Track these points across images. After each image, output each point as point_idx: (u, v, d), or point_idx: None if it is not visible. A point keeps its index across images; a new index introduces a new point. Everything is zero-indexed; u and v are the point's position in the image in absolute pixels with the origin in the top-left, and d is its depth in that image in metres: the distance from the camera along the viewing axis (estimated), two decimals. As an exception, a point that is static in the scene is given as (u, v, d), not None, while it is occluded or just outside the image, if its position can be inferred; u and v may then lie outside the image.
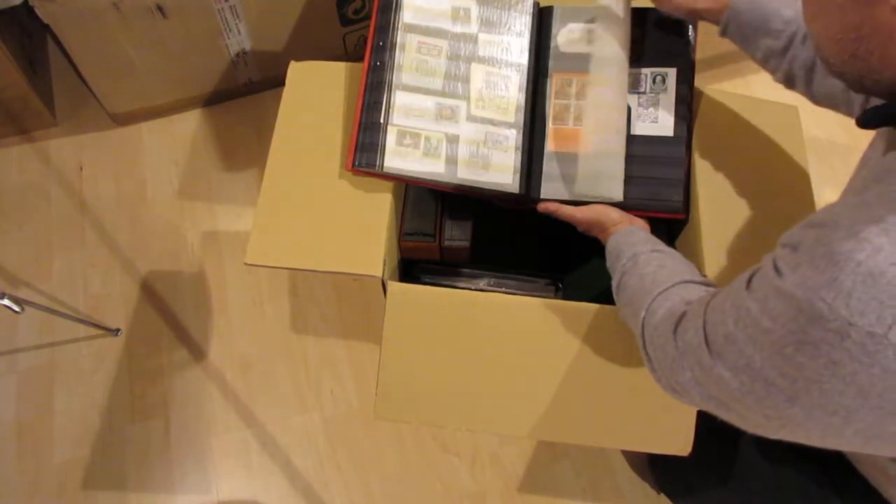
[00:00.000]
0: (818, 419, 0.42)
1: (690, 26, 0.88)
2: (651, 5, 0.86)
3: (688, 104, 0.87)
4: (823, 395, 0.41)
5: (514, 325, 0.81)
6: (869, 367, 0.39)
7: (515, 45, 0.91)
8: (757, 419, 0.47)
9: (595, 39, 0.87)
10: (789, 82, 0.75)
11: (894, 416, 0.40)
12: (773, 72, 0.76)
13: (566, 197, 0.85)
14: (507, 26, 0.91)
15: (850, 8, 0.44)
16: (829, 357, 0.40)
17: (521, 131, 0.88)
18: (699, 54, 0.89)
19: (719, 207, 0.85)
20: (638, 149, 0.86)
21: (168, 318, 1.30)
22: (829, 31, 0.47)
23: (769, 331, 0.43)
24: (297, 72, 0.95)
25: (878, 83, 0.47)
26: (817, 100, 0.74)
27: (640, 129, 0.87)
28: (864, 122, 0.49)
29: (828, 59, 0.49)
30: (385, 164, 0.83)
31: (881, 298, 0.38)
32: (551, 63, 0.90)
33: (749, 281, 0.47)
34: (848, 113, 0.72)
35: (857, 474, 0.70)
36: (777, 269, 0.44)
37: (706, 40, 0.88)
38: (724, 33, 0.77)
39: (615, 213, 0.80)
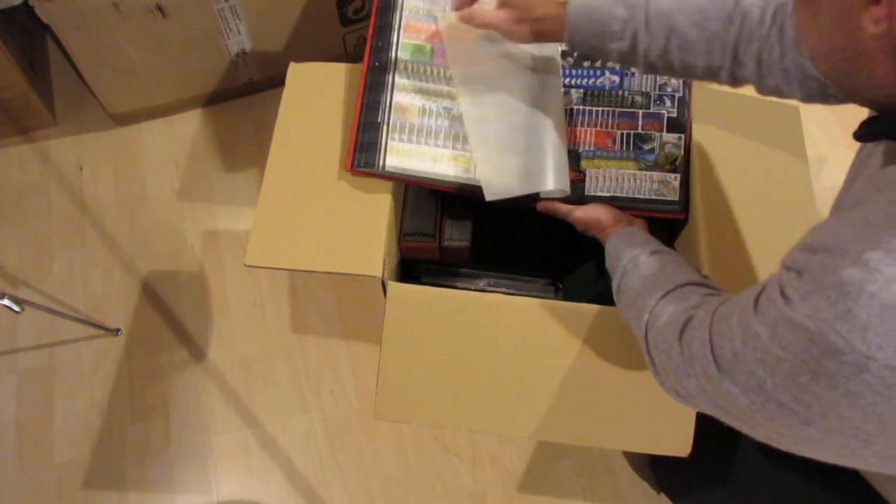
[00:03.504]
0: (835, 440, 0.42)
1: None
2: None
3: (686, 104, 0.87)
4: (842, 422, 0.41)
5: (514, 325, 0.81)
6: (889, 399, 0.38)
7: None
8: (768, 433, 0.47)
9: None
10: (651, 71, 0.74)
11: None
12: (633, 67, 0.75)
13: (567, 193, 0.85)
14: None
15: (834, 30, 0.44)
16: (846, 388, 0.39)
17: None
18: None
19: (719, 207, 0.85)
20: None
21: (168, 318, 1.30)
22: (819, 48, 0.47)
23: (781, 359, 0.42)
24: (297, 72, 0.95)
25: (868, 100, 0.47)
26: (681, 77, 0.75)
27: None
28: (862, 135, 0.48)
29: (822, 74, 0.49)
30: (384, 165, 0.83)
31: None
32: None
33: (756, 301, 0.46)
34: (714, 81, 0.72)
35: (858, 476, 0.70)
36: (784, 296, 0.43)
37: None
38: (572, 49, 0.76)
39: (614, 213, 0.80)
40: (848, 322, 0.38)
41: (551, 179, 0.83)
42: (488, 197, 0.82)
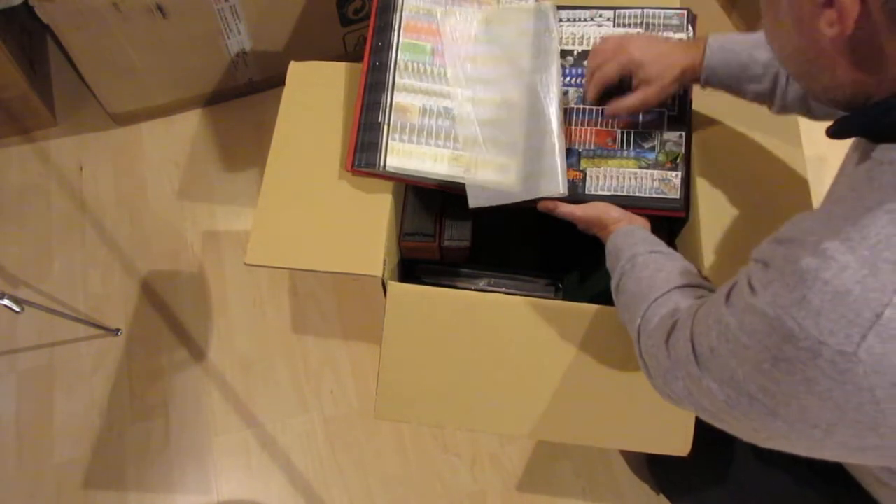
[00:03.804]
0: (801, 432, 0.43)
1: (689, 24, 0.88)
2: (650, 4, 0.87)
3: (688, 102, 0.87)
4: (802, 411, 0.41)
5: (514, 325, 0.81)
6: (842, 385, 0.39)
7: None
8: (746, 430, 0.48)
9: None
10: (785, 112, 0.75)
11: (873, 430, 0.40)
12: (768, 107, 0.76)
13: (565, 194, 0.85)
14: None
15: (795, 33, 0.45)
16: (803, 374, 0.40)
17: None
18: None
19: (719, 207, 0.85)
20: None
21: (168, 318, 1.30)
22: (784, 51, 0.49)
23: (747, 346, 0.43)
24: (297, 72, 0.95)
25: (834, 100, 0.48)
26: (818, 118, 0.74)
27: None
28: (834, 132, 0.49)
29: (791, 76, 0.50)
30: (385, 165, 0.83)
31: (849, 317, 0.38)
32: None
33: (728, 295, 0.48)
34: None
35: (852, 478, 0.71)
36: (751, 286, 0.44)
37: (706, 40, 0.88)
38: (705, 87, 0.77)
39: (615, 212, 0.80)
40: (803, 308, 0.40)
41: (546, 184, 0.84)
42: (472, 204, 0.83)
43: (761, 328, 0.42)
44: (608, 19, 0.90)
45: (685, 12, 0.88)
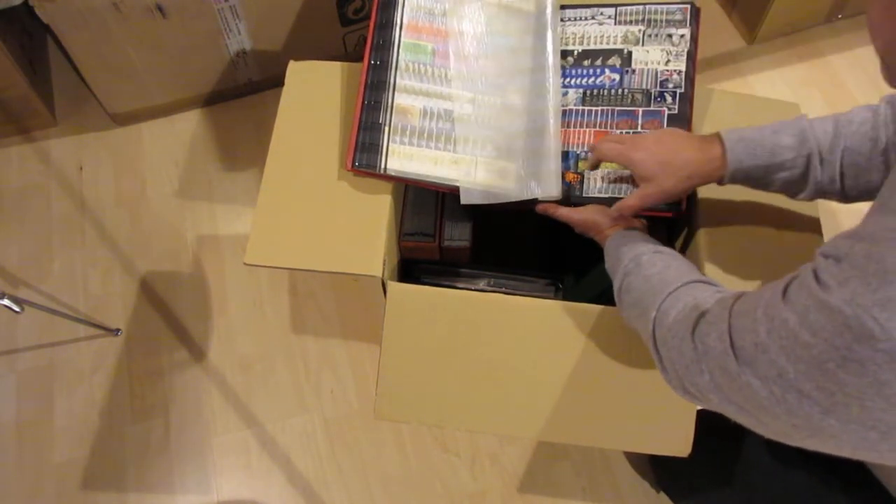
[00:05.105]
0: (854, 433, 0.42)
1: (692, 19, 0.87)
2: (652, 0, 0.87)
3: (688, 99, 0.86)
4: (864, 412, 0.40)
5: (514, 325, 0.81)
6: None
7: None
8: (782, 427, 0.46)
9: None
10: (817, 196, 0.71)
11: None
12: (795, 195, 0.72)
13: (559, 198, 0.85)
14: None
15: None
16: (875, 377, 0.39)
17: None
18: (698, 54, 0.89)
19: (719, 208, 0.85)
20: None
21: (168, 318, 1.30)
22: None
23: (809, 345, 0.42)
24: (297, 71, 0.95)
25: None
26: (851, 199, 0.70)
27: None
28: None
29: (894, 66, 0.48)
30: (386, 167, 0.83)
31: None
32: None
33: (785, 290, 0.46)
34: None
35: (867, 472, 0.70)
36: (820, 281, 0.43)
37: (706, 39, 0.88)
38: (728, 183, 0.72)
39: (612, 215, 0.80)
40: (888, 310, 0.38)
41: (541, 187, 0.84)
42: (463, 200, 0.84)
43: (831, 326, 0.41)
44: (609, 17, 0.90)
45: (688, 6, 0.87)
